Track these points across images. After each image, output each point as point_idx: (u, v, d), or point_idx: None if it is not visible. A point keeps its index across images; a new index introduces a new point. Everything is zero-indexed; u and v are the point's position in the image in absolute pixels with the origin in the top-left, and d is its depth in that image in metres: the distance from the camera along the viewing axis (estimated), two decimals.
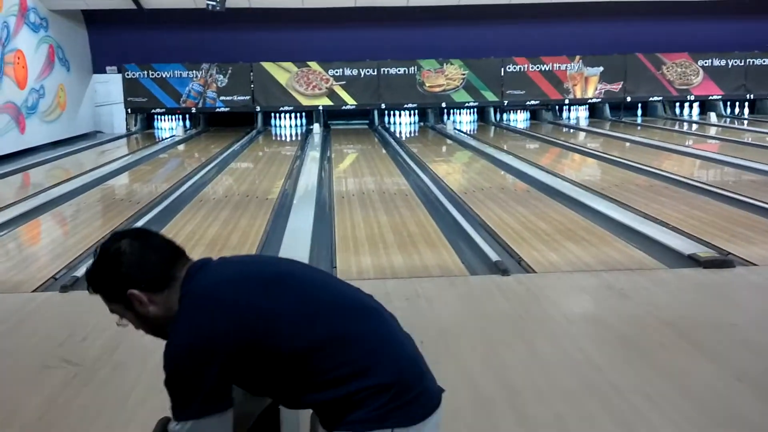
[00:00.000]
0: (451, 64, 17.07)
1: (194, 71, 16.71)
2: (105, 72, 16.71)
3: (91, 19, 16.18)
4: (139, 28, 16.12)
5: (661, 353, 3.65)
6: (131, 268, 1.89)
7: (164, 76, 16.68)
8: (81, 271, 5.18)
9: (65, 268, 5.38)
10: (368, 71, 16.99)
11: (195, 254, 5.96)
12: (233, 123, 16.91)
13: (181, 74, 16.72)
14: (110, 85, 16.69)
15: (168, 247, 1.99)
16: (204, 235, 6.42)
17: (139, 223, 6.81)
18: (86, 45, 16.53)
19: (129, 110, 16.83)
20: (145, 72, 16.61)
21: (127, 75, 16.63)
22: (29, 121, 13.20)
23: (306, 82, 16.87)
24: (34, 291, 4.91)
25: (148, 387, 3.34)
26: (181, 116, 17.23)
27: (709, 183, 8.43)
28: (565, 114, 18.12)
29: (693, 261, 5.13)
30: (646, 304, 4.37)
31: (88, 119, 16.35)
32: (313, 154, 12.23)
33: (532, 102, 17.50)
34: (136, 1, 14.53)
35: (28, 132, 13.12)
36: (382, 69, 17.02)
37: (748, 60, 17.48)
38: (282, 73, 16.82)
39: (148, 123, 17.34)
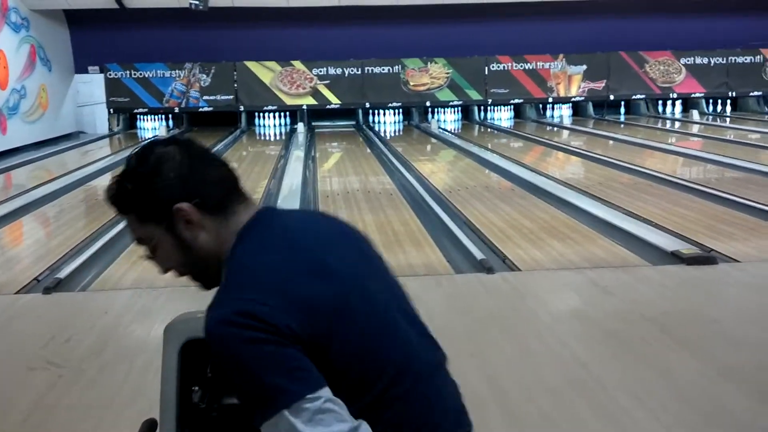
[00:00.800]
0: (435, 62, 17.08)
1: (177, 71, 16.63)
2: (87, 72, 16.59)
3: (73, 18, 16.07)
4: (121, 28, 16.02)
5: (646, 349, 3.68)
6: (184, 175, 1.46)
7: (147, 75, 16.59)
8: (64, 273, 5.16)
9: (48, 270, 5.34)
10: (352, 70, 16.97)
11: None
12: (217, 122, 16.82)
13: (163, 74, 16.63)
14: (92, 85, 16.58)
15: (226, 168, 1.54)
16: None
17: (123, 224, 6.77)
18: (68, 45, 16.41)
19: (111, 110, 16.72)
20: (128, 72, 16.52)
21: (110, 75, 16.53)
22: (11, 121, 13.10)
23: (290, 81, 16.83)
24: (17, 293, 4.88)
25: (135, 388, 3.33)
26: (164, 116, 17.14)
27: (692, 180, 8.49)
28: (548, 112, 18.17)
29: (676, 258, 5.17)
30: (630, 300, 4.40)
31: (70, 119, 16.24)
32: (298, 154, 12.21)
33: (516, 100, 17.55)
34: (119, 0, 14.45)
35: (9, 132, 13.02)
36: (366, 68, 17.01)
37: (730, 58, 17.59)
38: (266, 72, 16.78)
39: (131, 123, 17.23)
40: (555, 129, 16.15)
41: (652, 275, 4.92)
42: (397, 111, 17.54)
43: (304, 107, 16.89)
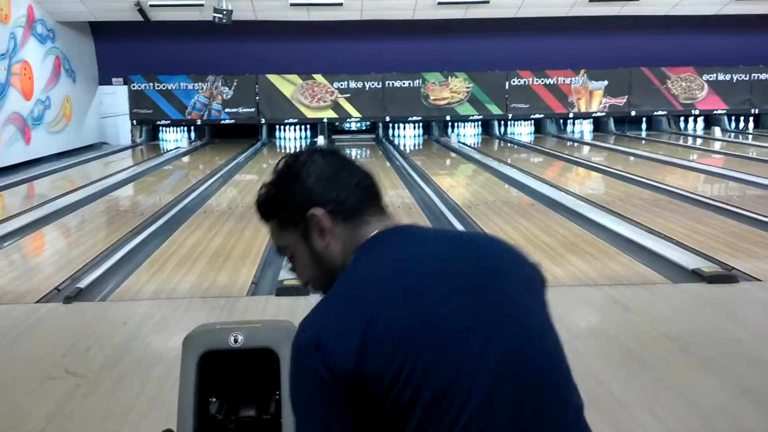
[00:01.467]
0: (456, 77, 17.11)
1: (200, 83, 16.76)
2: (111, 83, 16.77)
3: (98, 30, 16.25)
4: (145, 40, 16.18)
5: (665, 368, 3.65)
6: (320, 182, 1.47)
7: (170, 87, 16.74)
8: (85, 283, 5.20)
9: (69, 279, 5.38)
10: (373, 84, 17.03)
11: (197, 266, 5.96)
12: (238, 135, 16.94)
13: (186, 86, 16.77)
14: (116, 96, 16.75)
15: (368, 177, 1.52)
16: (208, 247, 6.42)
17: (143, 235, 6.82)
18: (93, 56, 16.60)
19: (134, 122, 16.88)
20: (151, 84, 16.67)
21: (133, 87, 16.69)
22: (35, 132, 13.24)
23: (311, 94, 16.91)
24: (37, 302, 4.92)
25: (152, 398, 3.34)
26: (186, 128, 17.28)
27: (714, 198, 8.43)
28: (569, 127, 18.13)
29: (697, 276, 5.12)
30: (650, 318, 4.36)
31: (93, 130, 16.39)
32: None
33: (537, 115, 17.52)
34: (143, 13, 14.59)
35: (33, 143, 13.16)
36: (386, 82, 17.06)
37: (753, 74, 17.48)
38: (287, 85, 16.87)
39: (153, 134, 17.39)
40: (575, 144, 16.09)
41: (673, 293, 4.88)
42: (417, 125, 17.58)
43: (325, 120, 16.95)
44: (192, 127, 17.29)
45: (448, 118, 17.34)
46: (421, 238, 1.46)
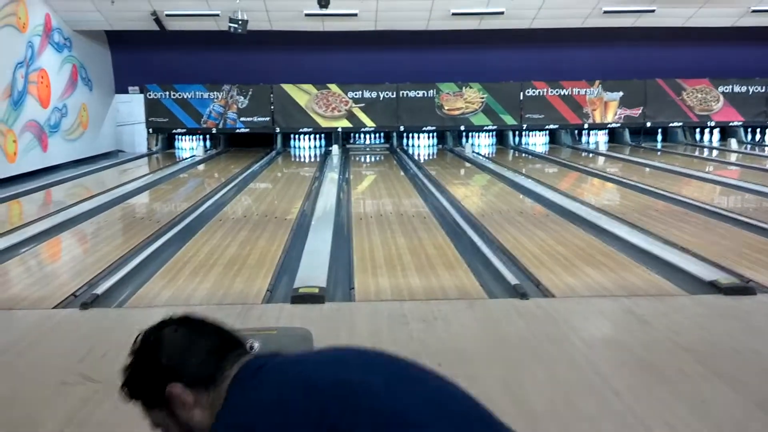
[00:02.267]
0: (470, 87, 17.12)
1: (215, 92, 16.86)
2: (127, 92, 16.89)
3: (115, 39, 16.37)
4: (161, 50, 16.31)
5: (681, 380, 3.62)
6: (173, 357, 1.54)
7: (185, 96, 16.83)
8: (101, 289, 5.23)
9: (85, 285, 5.41)
10: (387, 94, 17.06)
11: (213, 274, 5.99)
12: (253, 144, 17.02)
13: (202, 95, 16.87)
14: (132, 104, 16.87)
15: (220, 334, 1.61)
16: (222, 255, 6.44)
17: (159, 242, 6.85)
18: (109, 65, 16.72)
19: (150, 130, 16.98)
20: (167, 92, 16.78)
21: (149, 95, 16.80)
22: (52, 139, 13.34)
23: (325, 104, 16.96)
24: (54, 308, 4.94)
25: None
26: (201, 136, 17.37)
27: (730, 209, 8.38)
28: (584, 138, 18.10)
29: (714, 287, 5.09)
30: (666, 330, 4.33)
31: (109, 138, 16.50)
32: (332, 176, 12.27)
33: (552, 126, 17.50)
34: (159, 22, 14.70)
35: (50, 150, 13.26)
36: (401, 92, 17.09)
37: None
38: (302, 94, 16.93)
39: (169, 143, 17.49)
40: (590, 155, 16.05)
41: (689, 305, 4.85)
42: (431, 135, 17.59)
43: (339, 130, 16.99)
44: (207, 136, 17.37)
45: (462, 128, 17.35)
46: (283, 370, 1.49)
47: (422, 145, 17.50)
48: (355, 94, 17.01)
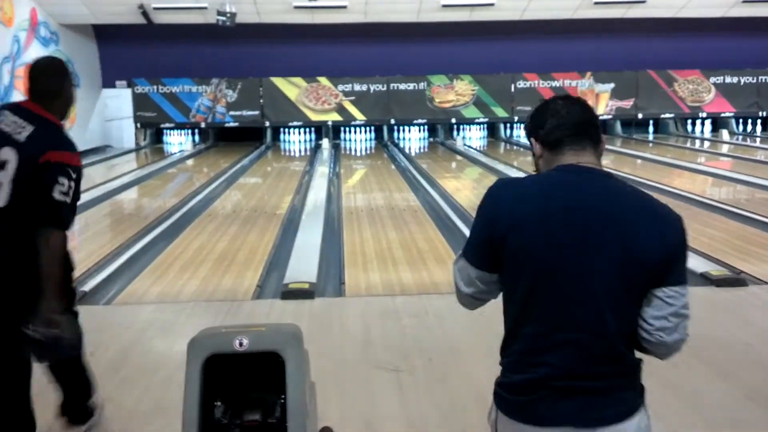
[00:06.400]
0: (461, 79, 17.08)
1: (204, 86, 16.76)
2: (115, 86, 16.76)
3: (102, 33, 16.25)
4: (149, 43, 16.19)
5: (673, 372, 3.60)
6: (536, 120, 1.92)
7: (174, 91, 16.73)
8: (89, 286, 5.18)
9: (73, 283, 5.35)
10: (378, 87, 17.01)
11: (202, 270, 5.93)
12: (242, 138, 16.94)
13: (190, 89, 16.77)
14: (120, 99, 16.75)
15: (573, 124, 1.88)
16: (213, 250, 6.40)
17: (148, 239, 6.80)
18: (96, 59, 16.60)
19: (138, 125, 16.87)
20: (155, 87, 16.67)
21: (137, 90, 16.69)
22: None
23: (315, 97, 16.90)
24: None
25: (156, 402, 3.31)
26: (190, 131, 17.27)
27: (722, 201, 8.38)
28: None
29: (705, 279, 5.08)
30: None
31: (97, 133, 16.39)
32: (322, 170, 12.22)
33: None
34: (147, 16, 14.59)
35: None
36: (391, 84, 17.04)
37: (760, 77, 17.42)
38: (291, 88, 16.86)
39: (158, 137, 17.38)
40: None
41: None
42: (422, 128, 17.55)
43: (329, 123, 16.93)
44: (196, 130, 17.28)
45: (453, 120, 17.31)
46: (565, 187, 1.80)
47: (413, 138, 17.46)
48: (345, 87, 16.94)
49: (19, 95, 12.40)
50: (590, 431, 1.68)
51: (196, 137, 17.32)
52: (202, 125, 16.99)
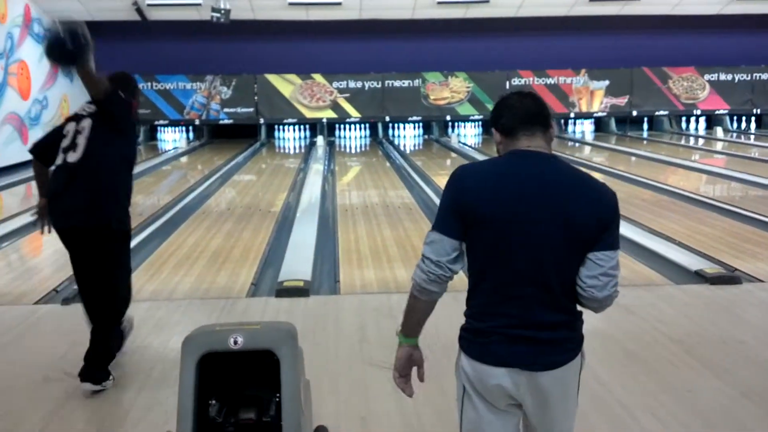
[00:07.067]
0: (456, 77, 17.08)
1: (198, 83, 16.73)
2: None
3: (95, 30, 16.00)
4: (143, 40, 16.14)
5: (668, 369, 3.61)
6: (496, 112, 2.14)
7: (168, 87, 16.70)
8: None
9: (67, 281, 5.33)
10: (372, 84, 17.00)
11: (197, 267, 5.91)
12: (237, 135, 16.89)
13: (184, 86, 16.74)
14: None
15: (525, 114, 2.09)
16: (207, 248, 6.39)
17: (142, 236, 6.78)
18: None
19: None
20: (149, 84, 16.62)
21: None
22: (32, 131, 13.20)
23: (310, 94, 16.88)
24: (36, 303, 4.89)
25: (149, 401, 3.31)
26: (184, 128, 17.24)
27: (716, 198, 8.39)
28: (570, 128, 18.10)
29: (700, 277, 5.09)
30: (652, 320, 4.32)
31: None
32: (317, 167, 12.20)
33: None
34: (141, 12, 14.56)
35: (31, 143, 13.09)
36: (386, 81, 17.03)
37: (754, 74, 17.46)
38: (286, 85, 16.84)
39: (152, 135, 17.33)
40: (576, 144, 16.06)
41: (676, 294, 4.85)
42: (417, 125, 17.54)
43: (324, 120, 16.92)
44: (190, 127, 17.25)
45: (448, 117, 17.32)
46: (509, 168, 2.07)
47: (408, 136, 17.45)
48: (340, 84, 16.93)
49: (12, 92, 12.37)
50: (537, 374, 1.96)
51: (191, 134, 17.29)
52: (197, 122, 16.97)
